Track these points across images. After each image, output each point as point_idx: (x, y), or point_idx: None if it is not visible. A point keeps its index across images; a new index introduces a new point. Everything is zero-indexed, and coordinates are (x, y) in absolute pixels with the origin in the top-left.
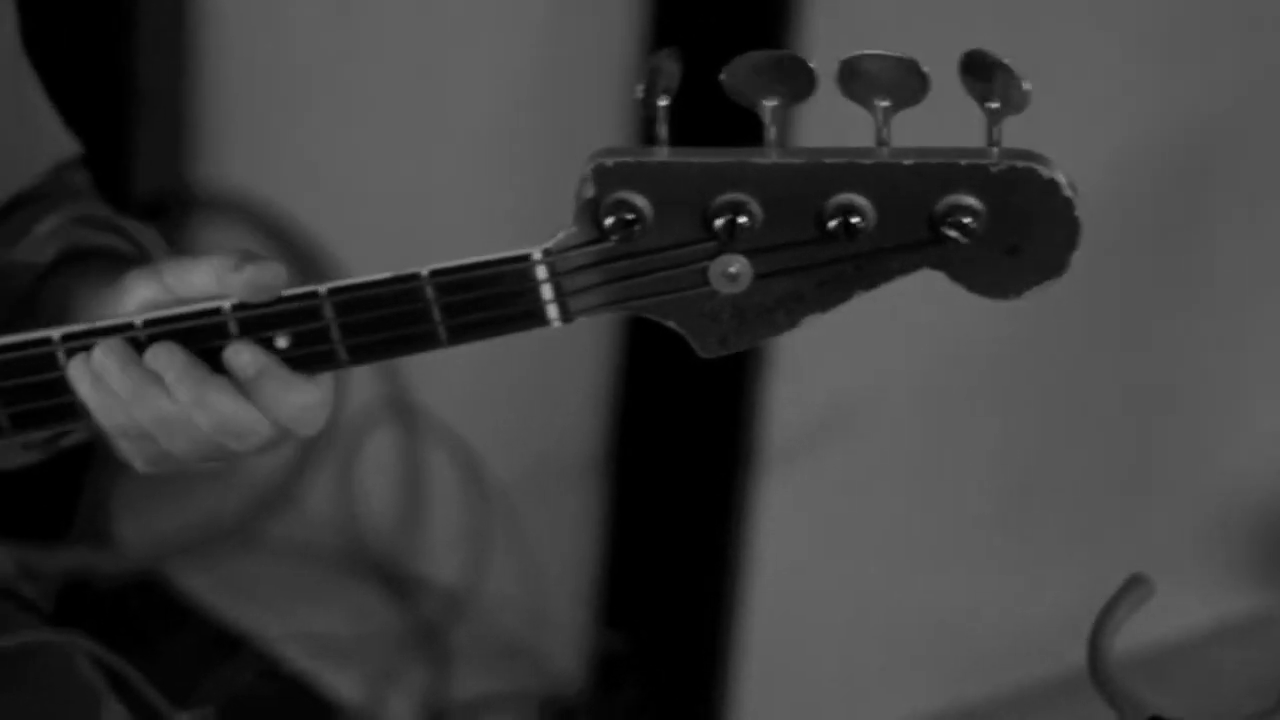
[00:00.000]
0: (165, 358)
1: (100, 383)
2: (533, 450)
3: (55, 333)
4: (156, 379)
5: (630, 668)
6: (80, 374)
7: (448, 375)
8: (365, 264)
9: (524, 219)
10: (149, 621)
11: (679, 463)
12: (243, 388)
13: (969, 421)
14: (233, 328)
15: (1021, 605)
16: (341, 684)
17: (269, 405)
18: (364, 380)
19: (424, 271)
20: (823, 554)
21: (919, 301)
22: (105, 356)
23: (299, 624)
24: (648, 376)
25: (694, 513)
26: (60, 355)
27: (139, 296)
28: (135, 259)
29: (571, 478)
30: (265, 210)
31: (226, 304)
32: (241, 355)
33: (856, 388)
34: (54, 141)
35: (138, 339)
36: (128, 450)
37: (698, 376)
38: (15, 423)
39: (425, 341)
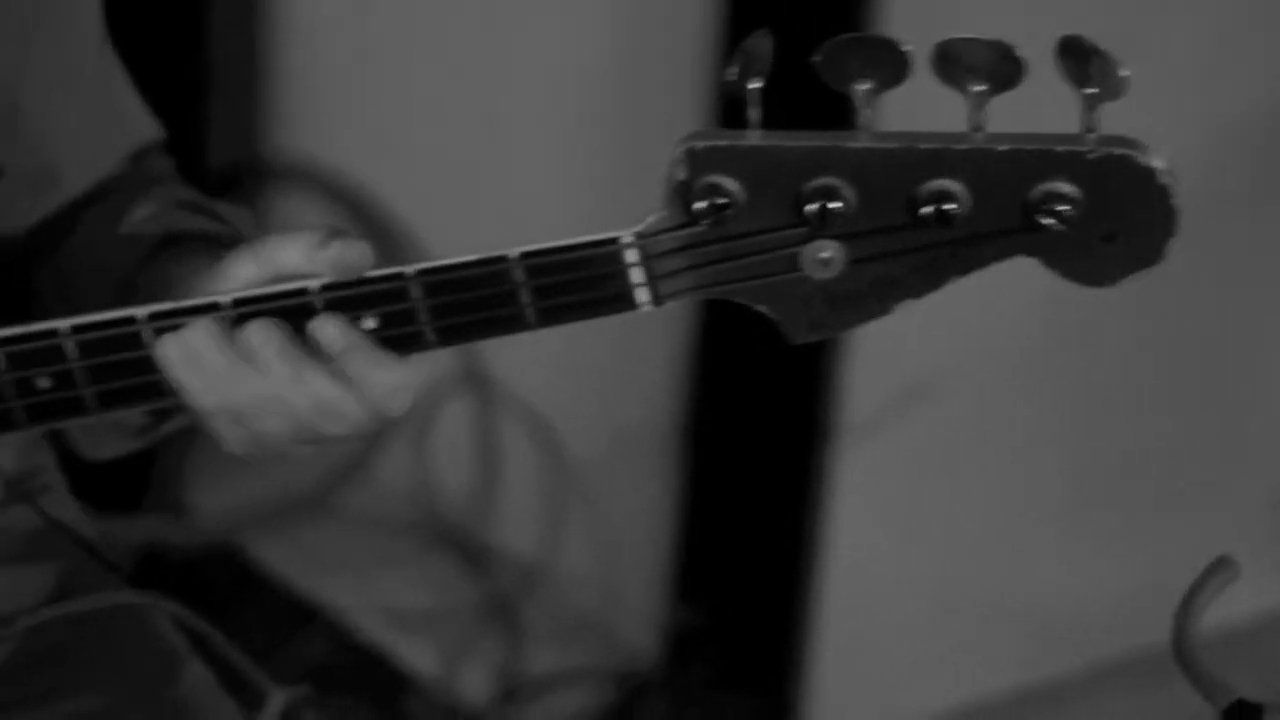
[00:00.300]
0: (262, 334)
1: (194, 362)
2: (609, 423)
3: (142, 311)
4: (251, 357)
5: (704, 643)
6: (173, 354)
7: (524, 348)
8: (437, 236)
9: (597, 195)
10: (223, 592)
11: (755, 438)
12: (331, 364)
13: (1048, 398)
14: (319, 307)
15: (1101, 584)
16: (415, 656)
17: (356, 381)
18: (440, 352)
19: (513, 254)
20: (898, 530)
21: (998, 275)
22: (199, 335)
23: (373, 595)
24: (725, 351)
25: (770, 488)
26: (146, 334)
27: (239, 277)
28: (231, 241)
29: (647, 452)
30: (338, 181)
31: (314, 284)
32: (327, 328)
33: (934, 363)
34: (137, 126)
35: (225, 319)
36: (220, 432)
37: (775, 352)
38: (103, 401)
39: (513, 324)
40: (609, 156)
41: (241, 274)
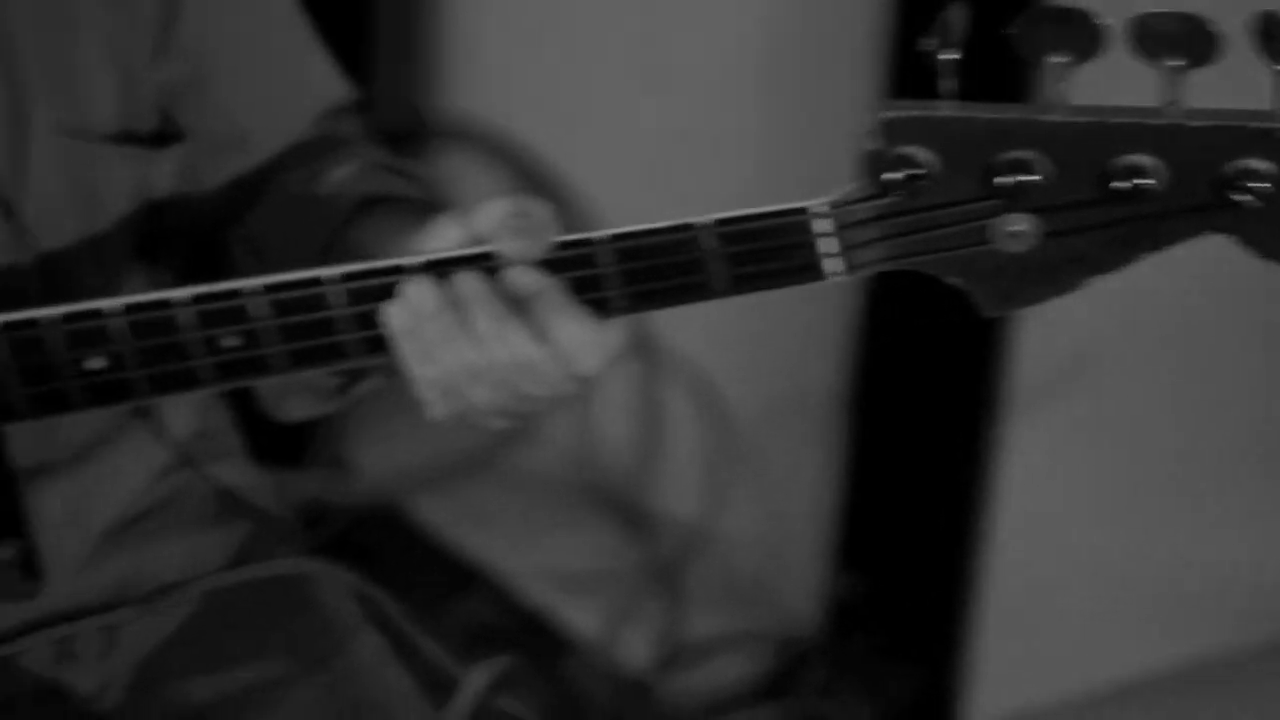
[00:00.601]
0: (471, 286)
1: (415, 324)
2: (775, 389)
3: (335, 271)
4: (461, 307)
5: (867, 612)
6: (397, 320)
7: (690, 311)
8: (603, 201)
9: (763, 164)
10: (385, 552)
11: (923, 406)
12: (523, 312)
13: (1221, 366)
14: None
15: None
16: (577, 619)
17: (547, 330)
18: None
19: (705, 221)
20: (1067, 501)
21: None
22: (421, 293)
23: (536, 558)
24: (892, 319)
25: (937, 457)
26: (337, 294)
27: (445, 240)
28: (427, 205)
29: (813, 418)
30: (502, 141)
31: (503, 247)
32: (524, 276)
33: (1105, 332)
34: (326, 88)
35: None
36: (431, 402)
37: (943, 321)
38: (294, 360)
39: (699, 292)
40: (776, 124)
41: (444, 238)
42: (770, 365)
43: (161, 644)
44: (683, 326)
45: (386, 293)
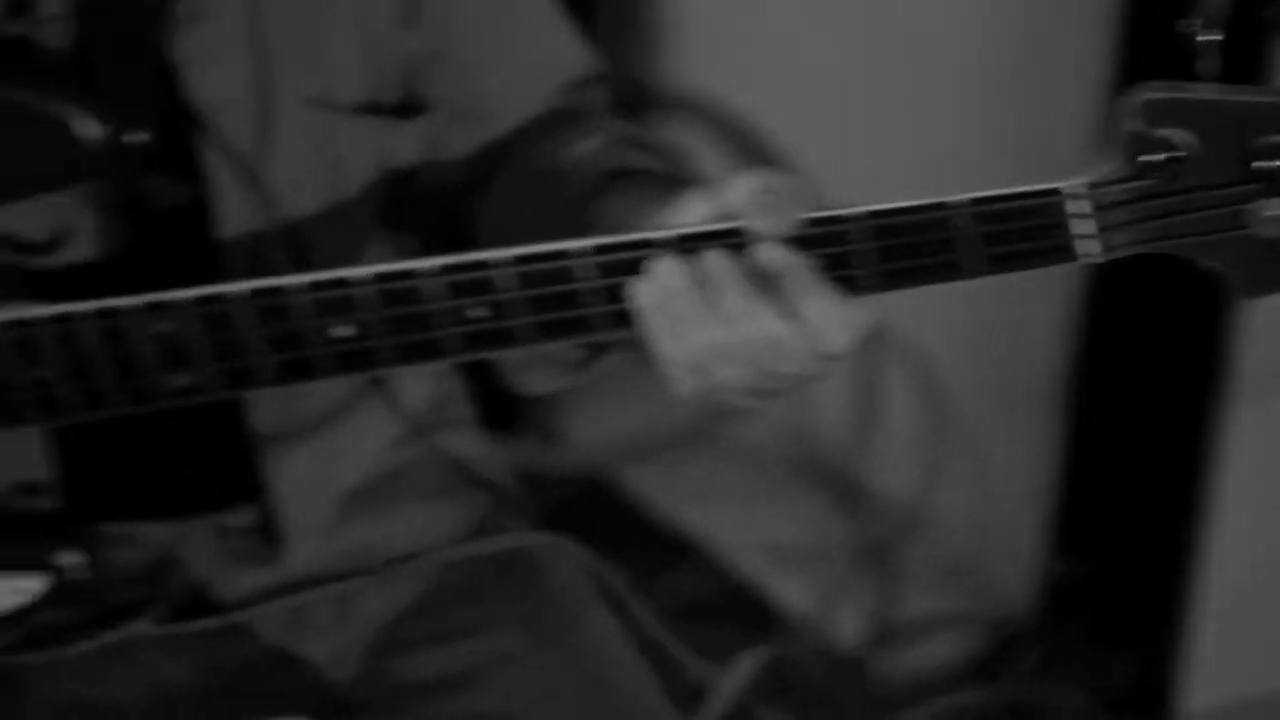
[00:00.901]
0: (719, 263)
1: (664, 302)
2: (993, 370)
3: (585, 244)
4: (710, 285)
5: (1082, 596)
6: (645, 297)
7: (911, 292)
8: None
9: (988, 147)
10: (596, 524)
11: (1146, 389)
12: (771, 290)
13: None
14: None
15: None
16: (789, 593)
17: (800, 314)
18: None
19: (959, 200)
20: None
21: None
22: (668, 271)
23: (749, 532)
24: (1115, 299)
25: (1159, 442)
26: (586, 268)
27: (693, 215)
28: (674, 179)
29: (1032, 401)
30: (722, 115)
31: (756, 224)
32: (773, 252)
33: None
34: (569, 60)
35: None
36: (679, 381)
37: (1167, 303)
38: (541, 332)
39: (950, 271)
40: (1002, 107)
41: (693, 212)
42: (989, 346)
43: (395, 615)
44: (902, 305)
45: (634, 267)
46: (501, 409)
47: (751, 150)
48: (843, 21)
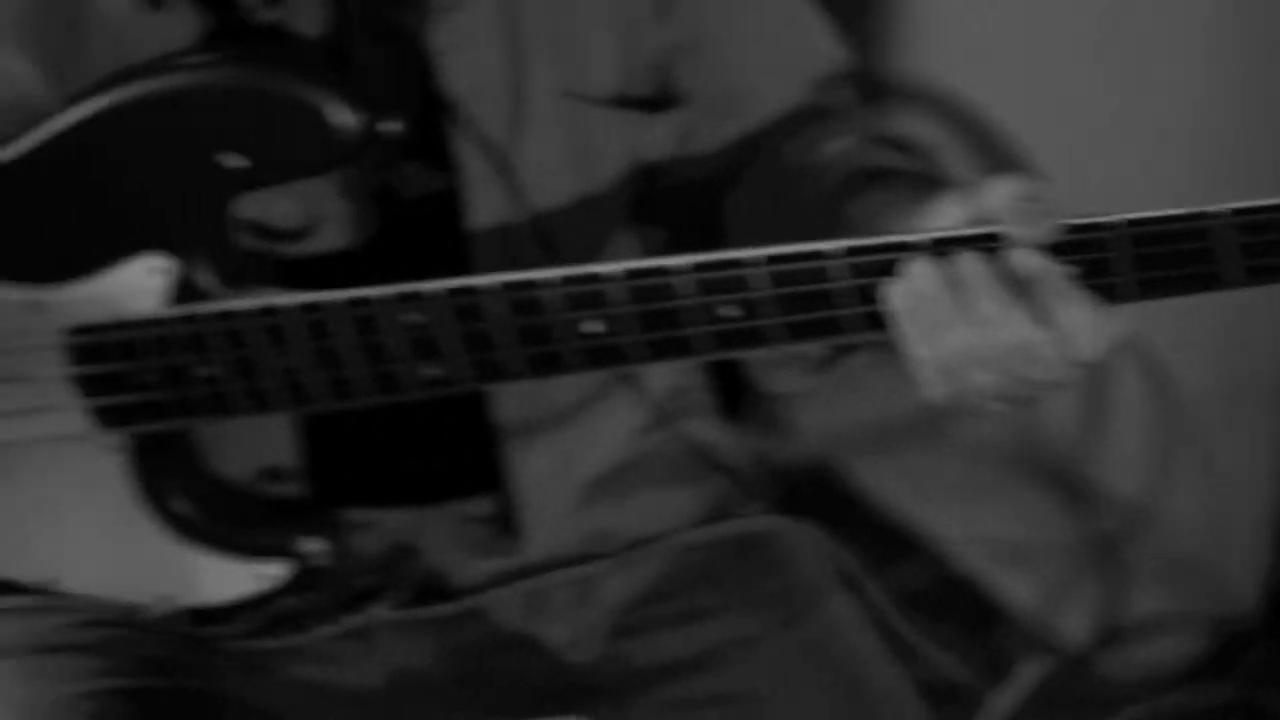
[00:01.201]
0: (973, 266)
1: (917, 306)
2: (1222, 368)
3: (839, 245)
4: (963, 288)
5: None
6: (898, 300)
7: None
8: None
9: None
10: (821, 511)
11: None
12: (1025, 295)
13: None
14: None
15: None
16: (1014, 590)
17: (1050, 314)
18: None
19: (1221, 210)
20: None
21: None
22: (922, 275)
23: (974, 526)
24: None
25: None
26: (839, 268)
27: (948, 218)
28: (927, 179)
29: (1261, 397)
30: (959, 109)
31: (1009, 229)
32: (1030, 259)
33: None
34: (823, 54)
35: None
36: (929, 383)
37: None
38: (791, 333)
39: (1209, 282)
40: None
41: (948, 215)
42: (1219, 344)
43: (635, 598)
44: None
45: (888, 269)
46: (731, 396)
47: (989, 148)
48: (1076, 19)
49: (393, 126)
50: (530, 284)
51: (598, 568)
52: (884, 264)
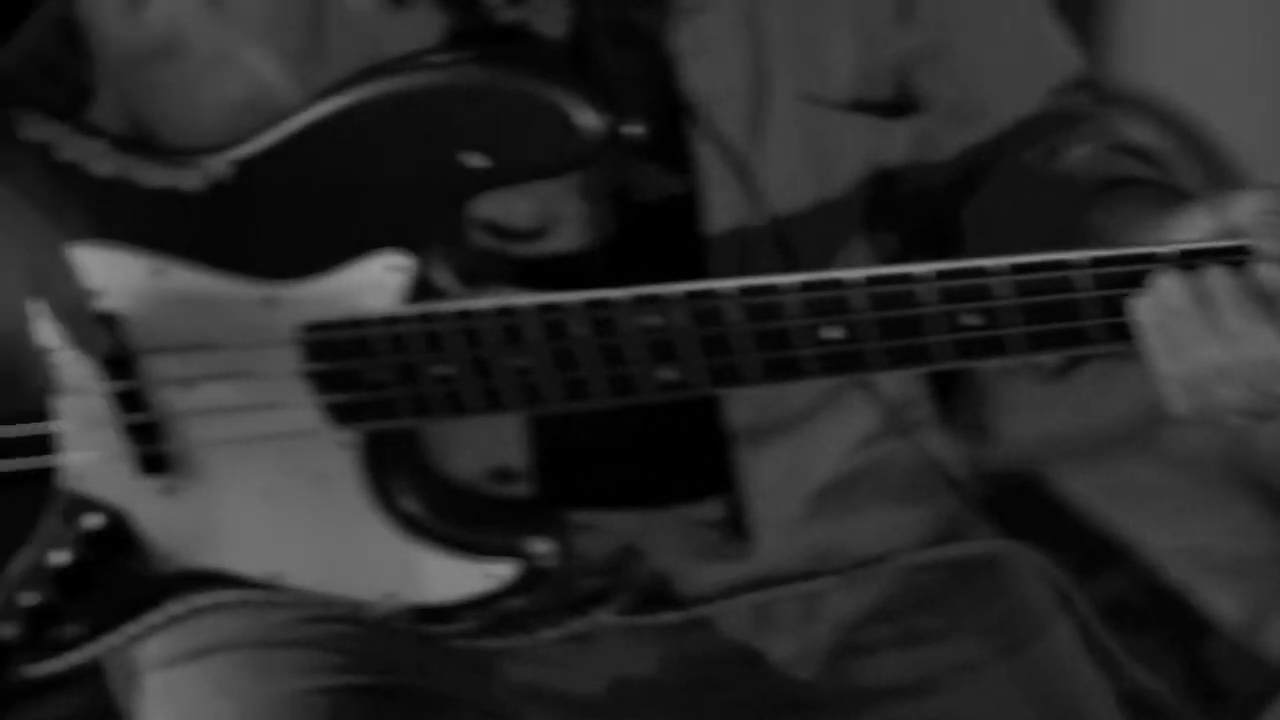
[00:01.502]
0: (1221, 280)
1: (1164, 320)
2: None
3: (1083, 255)
4: (1210, 303)
5: None
6: (1145, 314)
7: None
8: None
9: None
10: (1024, 519)
11: None
12: (1272, 309)
13: None
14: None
15: None
16: (1219, 602)
17: None
18: None
19: None
20: None
21: None
22: (1170, 290)
23: (1180, 536)
24: None
25: None
26: (1077, 279)
27: (1196, 230)
28: (1170, 189)
29: None
30: (1176, 118)
31: (1263, 244)
32: (1274, 271)
33: None
34: (1061, 61)
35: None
36: (1174, 398)
37: None
38: (1031, 344)
39: None
40: None
41: (1196, 227)
42: None
43: (861, 617)
44: None
45: (1134, 281)
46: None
47: (1210, 159)
48: None
49: (635, 129)
50: (770, 289)
51: (825, 584)
52: (1130, 275)
